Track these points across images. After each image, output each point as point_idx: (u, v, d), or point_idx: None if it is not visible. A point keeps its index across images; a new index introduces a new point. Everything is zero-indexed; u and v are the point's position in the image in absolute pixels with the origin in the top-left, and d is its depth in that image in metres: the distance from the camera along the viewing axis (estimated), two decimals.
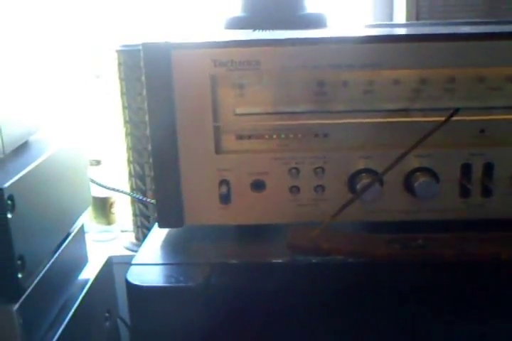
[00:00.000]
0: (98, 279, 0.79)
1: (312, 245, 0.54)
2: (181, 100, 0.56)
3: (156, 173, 0.58)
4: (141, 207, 1.06)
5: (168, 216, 0.59)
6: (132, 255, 0.58)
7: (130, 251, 1.09)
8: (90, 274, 0.80)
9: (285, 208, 0.58)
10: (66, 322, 0.69)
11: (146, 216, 1.06)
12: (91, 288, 0.77)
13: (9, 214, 0.56)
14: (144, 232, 1.06)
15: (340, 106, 0.57)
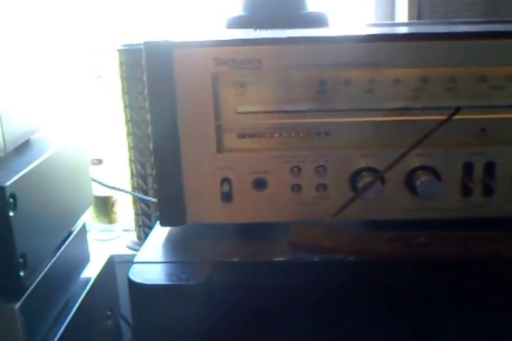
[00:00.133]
0: (100, 278, 0.79)
1: (313, 243, 0.54)
2: (183, 99, 0.56)
3: (158, 172, 0.58)
4: (142, 206, 1.06)
5: (169, 214, 0.59)
6: (134, 254, 0.58)
7: (132, 250, 1.09)
8: (92, 273, 0.80)
9: (287, 206, 0.58)
10: (68, 320, 0.69)
11: (148, 215, 1.06)
12: (93, 287, 0.77)
13: (11, 212, 0.56)
14: (146, 231, 1.06)
15: (341, 104, 0.57)
